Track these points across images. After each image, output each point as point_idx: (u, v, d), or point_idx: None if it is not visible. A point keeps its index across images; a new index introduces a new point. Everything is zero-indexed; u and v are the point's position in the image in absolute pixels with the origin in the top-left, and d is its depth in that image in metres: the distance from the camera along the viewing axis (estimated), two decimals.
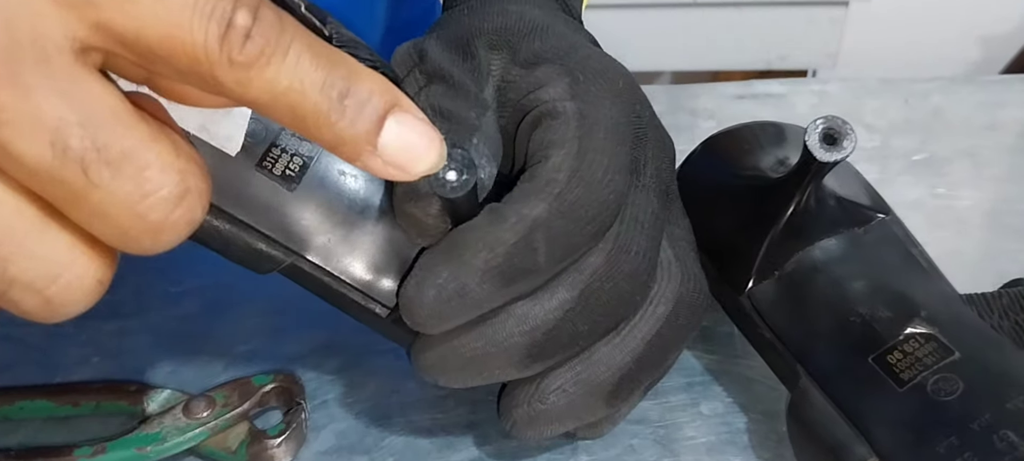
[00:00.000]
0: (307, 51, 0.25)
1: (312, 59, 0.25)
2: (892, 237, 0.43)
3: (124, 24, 0.23)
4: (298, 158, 0.35)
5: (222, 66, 0.24)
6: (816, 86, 0.65)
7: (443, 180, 0.31)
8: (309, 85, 0.25)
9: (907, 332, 0.39)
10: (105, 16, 0.23)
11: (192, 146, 0.26)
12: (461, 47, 0.37)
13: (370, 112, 0.27)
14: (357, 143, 0.27)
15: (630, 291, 0.35)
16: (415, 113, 0.28)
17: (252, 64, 0.24)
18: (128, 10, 0.23)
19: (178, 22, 0.23)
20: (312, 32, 0.27)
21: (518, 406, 0.37)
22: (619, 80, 0.37)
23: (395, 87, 0.28)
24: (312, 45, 0.25)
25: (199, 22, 0.23)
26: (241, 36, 0.24)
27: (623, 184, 0.34)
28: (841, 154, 0.37)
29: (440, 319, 0.34)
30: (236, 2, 0.24)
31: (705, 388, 0.47)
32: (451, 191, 0.32)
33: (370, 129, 0.27)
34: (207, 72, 0.24)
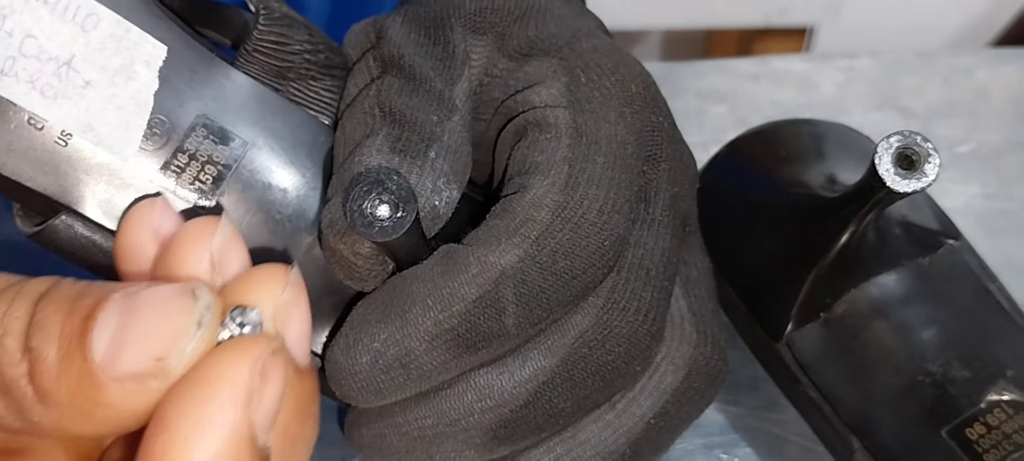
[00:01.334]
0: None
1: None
2: (964, 268, 0.38)
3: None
4: (212, 166, 0.31)
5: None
6: (843, 62, 0.60)
7: (371, 216, 0.27)
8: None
9: (990, 399, 0.35)
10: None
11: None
12: (433, 29, 0.32)
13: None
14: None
15: (627, 359, 0.30)
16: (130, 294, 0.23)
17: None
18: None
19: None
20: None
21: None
22: (632, 83, 0.31)
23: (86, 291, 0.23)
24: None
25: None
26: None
27: (624, 226, 0.30)
28: (921, 182, 0.31)
29: (377, 393, 0.29)
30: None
31: (727, 450, 0.43)
32: (381, 232, 0.27)
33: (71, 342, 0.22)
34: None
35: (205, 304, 0.22)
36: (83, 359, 0.22)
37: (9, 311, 0.23)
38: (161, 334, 0.22)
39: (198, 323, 0.22)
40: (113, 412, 0.22)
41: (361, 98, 0.31)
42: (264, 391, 0.22)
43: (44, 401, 0.22)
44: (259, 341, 0.23)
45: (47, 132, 0.29)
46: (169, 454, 0.21)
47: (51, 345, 0.22)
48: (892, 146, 0.31)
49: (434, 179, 0.30)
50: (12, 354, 0.22)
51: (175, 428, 0.22)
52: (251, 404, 0.22)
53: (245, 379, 0.22)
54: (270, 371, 0.22)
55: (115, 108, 0.29)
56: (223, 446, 0.22)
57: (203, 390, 0.22)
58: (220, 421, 0.22)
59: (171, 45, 0.29)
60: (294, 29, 0.32)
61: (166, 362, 0.22)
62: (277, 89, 0.31)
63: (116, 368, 0.22)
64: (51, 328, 0.22)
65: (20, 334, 0.22)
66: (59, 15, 0.28)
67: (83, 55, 0.29)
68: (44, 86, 0.28)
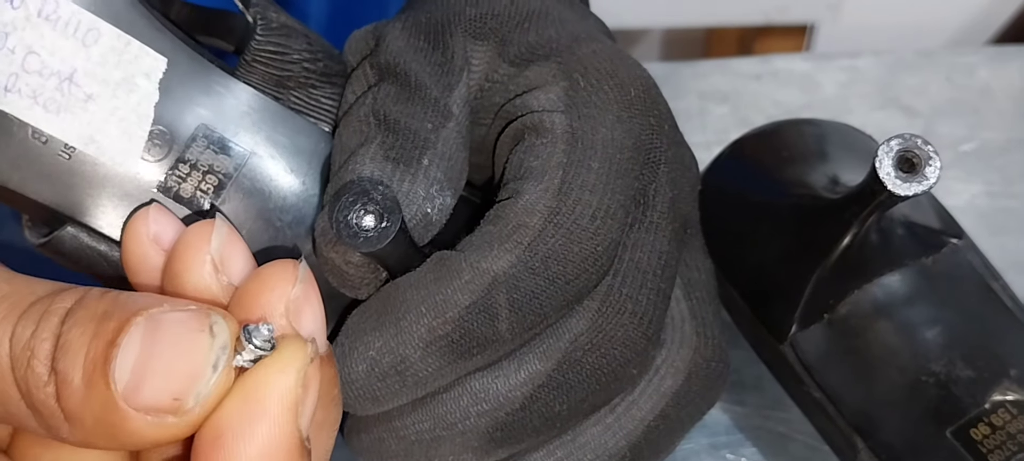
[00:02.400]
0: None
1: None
2: (967, 267, 0.37)
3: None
4: (213, 176, 0.31)
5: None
6: (845, 62, 0.61)
7: (356, 227, 0.27)
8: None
9: (994, 399, 0.34)
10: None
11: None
12: (433, 35, 0.32)
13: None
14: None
15: (623, 362, 0.30)
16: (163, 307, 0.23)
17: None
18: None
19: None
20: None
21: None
22: (631, 86, 0.31)
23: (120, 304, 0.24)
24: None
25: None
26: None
27: (618, 231, 0.30)
28: (922, 186, 0.31)
29: (374, 400, 0.30)
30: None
31: (733, 449, 0.44)
32: (366, 243, 0.27)
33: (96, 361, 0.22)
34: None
35: (221, 344, 0.23)
36: (106, 387, 0.22)
37: (36, 332, 0.23)
38: (179, 373, 0.23)
39: (214, 366, 0.23)
40: (136, 438, 0.23)
41: (357, 106, 0.31)
42: (307, 399, 0.23)
43: (71, 421, 0.23)
44: (300, 352, 0.24)
45: (51, 146, 0.29)
46: (227, 439, 0.23)
47: (76, 370, 0.22)
48: (893, 149, 0.31)
49: (427, 186, 0.30)
50: (39, 376, 0.23)
51: (231, 445, 0.23)
52: (298, 413, 0.23)
53: (292, 393, 0.23)
54: (311, 379, 0.24)
55: (117, 120, 0.29)
56: (278, 456, 0.23)
57: (256, 408, 0.23)
58: (277, 435, 0.23)
59: (171, 57, 0.30)
60: (292, 38, 0.32)
61: (183, 402, 0.22)
62: (277, 98, 0.32)
63: (138, 399, 0.22)
64: (76, 352, 0.23)
65: (47, 358, 0.23)
66: (60, 31, 0.29)
67: (84, 69, 0.29)
68: (47, 101, 0.29)
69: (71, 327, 0.23)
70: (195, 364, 0.23)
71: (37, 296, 0.24)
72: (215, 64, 0.31)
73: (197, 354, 0.23)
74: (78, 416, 0.23)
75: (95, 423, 0.23)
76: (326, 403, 0.26)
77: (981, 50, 0.63)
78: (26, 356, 0.23)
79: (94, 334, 0.23)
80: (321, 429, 0.26)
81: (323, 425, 0.27)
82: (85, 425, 0.23)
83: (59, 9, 0.28)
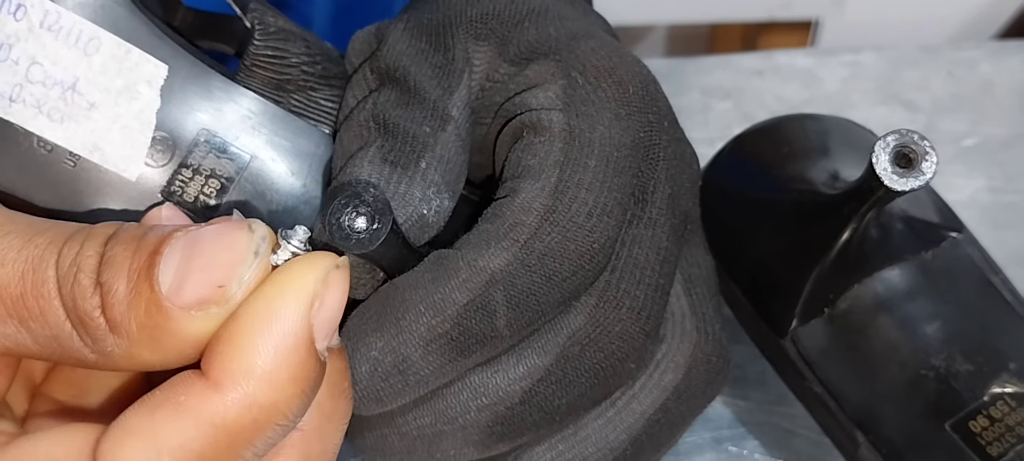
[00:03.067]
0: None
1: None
2: (967, 262, 0.38)
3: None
4: (215, 180, 0.31)
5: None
6: (847, 57, 0.60)
7: (348, 229, 0.28)
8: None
9: (993, 391, 0.35)
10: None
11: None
12: (435, 36, 0.32)
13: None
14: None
15: (621, 357, 0.31)
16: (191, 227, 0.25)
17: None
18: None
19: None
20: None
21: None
22: (630, 84, 0.31)
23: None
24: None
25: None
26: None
27: (614, 229, 0.30)
28: (918, 181, 0.31)
29: (378, 400, 0.30)
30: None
31: (736, 443, 0.44)
32: (358, 244, 0.28)
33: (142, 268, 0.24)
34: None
35: (260, 235, 0.25)
36: (151, 290, 0.24)
37: (81, 251, 0.25)
38: (222, 263, 0.24)
39: (255, 252, 0.24)
40: (179, 339, 0.24)
41: (358, 110, 0.31)
42: (326, 297, 0.25)
43: (116, 331, 0.24)
44: (326, 256, 0.25)
45: (56, 154, 0.29)
46: (236, 340, 0.24)
47: (120, 279, 0.24)
48: (889, 145, 0.31)
49: (424, 189, 0.30)
50: (85, 288, 0.24)
51: (245, 319, 0.24)
52: (313, 307, 0.24)
53: (310, 285, 0.24)
54: (333, 281, 0.25)
55: (119, 128, 0.30)
56: (284, 339, 0.24)
57: (273, 289, 0.24)
58: (284, 316, 0.24)
59: (172, 63, 0.30)
60: (291, 42, 0.32)
61: (227, 288, 0.24)
62: (278, 101, 0.32)
63: (181, 296, 0.24)
64: (120, 264, 0.24)
65: (92, 271, 0.24)
66: (62, 41, 0.29)
67: (87, 78, 0.29)
68: (50, 110, 0.29)
69: (114, 245, 0.25)
70: (237, 252, 0.24)
71: (76, 228, 0.26)
72: (216, 69, 0.31)
73: (238, 243, 0.24)
74: (123, 324, 0.24)
75: (139, 329, 0.24)
76: (335, 394, 0.27)
77: (983, 45, 0.61)
78: (73, 272, 0.24)
79: (136, 249, 0.24)
80: (330, 419, 0.27)
81: (332, 416, 0.27)
82: (130, 333, 0.24)
83: (61, 20, 0.29)
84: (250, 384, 0.24)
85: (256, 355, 0.24)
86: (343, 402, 0.27)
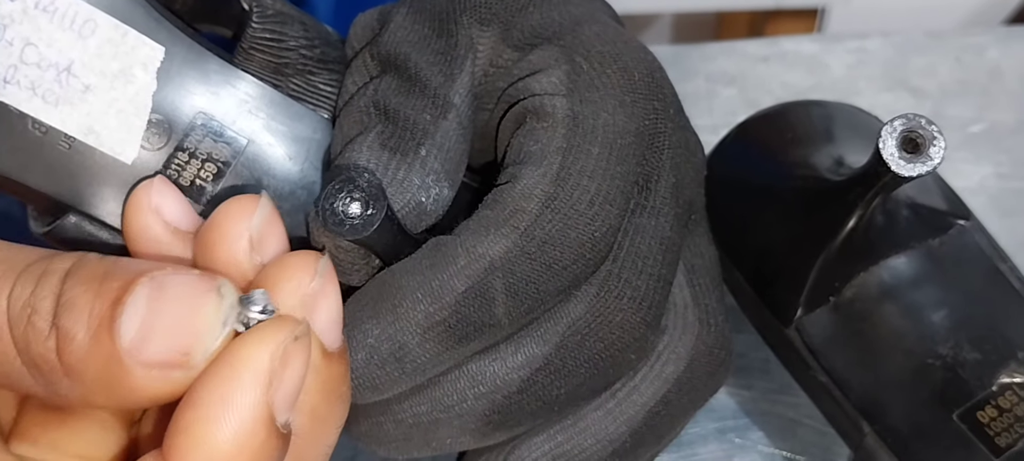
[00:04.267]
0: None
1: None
2: (974, 249, 0.38)
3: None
4: (211, 163, 0.31)
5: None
6: (854, 43, 0.61)
7: (341, 214, 0.28)
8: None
9: (1002, 381, 0.35)
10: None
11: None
12: (438, 21, 0.32)
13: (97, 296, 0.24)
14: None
15: (621, 347, 0.31)
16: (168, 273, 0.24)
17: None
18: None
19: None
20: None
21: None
22: (635, 70, 0.31)
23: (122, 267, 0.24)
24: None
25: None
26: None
27: (616, 217, 0.30)
28: (926, 166, 0.31)
29: (374, 388, 0.30)
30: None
31: (740, 434, 0.44)
32: (351, 230, 0.28)
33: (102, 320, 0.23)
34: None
35: (230, 304, 0.24)
36: (111, 343, 0.23)
37: (36, 291, 0.24)
38: (188, 329, 0.23)
39: (223, 323, 0.24)
40: (136, 394, 0.24)
41: (358, 96, 0.31)
42: (284, 375, 0.24)
43: (70, 376, 0.24)
44: (282, 328, 0.24)
45: (50, 136, 0.29)
46: (193, 430, 0.23)
47: (80, 326, 0.23)
48: (896, 130, 0.31)
49: (423, 176, 0.30)
50: (40, 332, 0.23)
51: (200, 406, 0.23)
52: (271, 387, 0.23)
53: (266, 364, 0.23)
54: (291, 356, 0.24)
55: (115, 111, 0.30)
56: (242, 425, 0.23)
57: (227, 372, 0.23)
58: (240, 402, 0.23)
59: (168, 46, 0.30)
60: (288, 25, 0.32)
61: (191, 357, 0.23)
62: (276, 85, 0.32)
63: (143, 354, 0.23)
64: (80, 309, 0.23)
65: (48, 314, 0.23)
66: (58, 22, 0.29)
67: (82, 60, 0.29)
68: (45, 92, 0.29)
69: (74, 286, 0.24)
70: (206, 320, 0.23)
71: (32, 259, 0.25)
72: (213, 52, 0.31)
73: (208, 311, 0.24)
74: (79, 371, 0.23)
75: (95, 378, 0.23)
76: (331, 398, 0.27)
77: (991, 31, 0.62)
78: (26, 314, 0.24)
79: (97, 293, 0.23)
80: (323, 423, 0.27)
81: (327, 420, 0.27)
82: (85, 380, 0.23)
83: (56, 1, 0.29)
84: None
85: (215, 445, 0.23)
86: (339, 406, 0.27)
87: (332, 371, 0.26)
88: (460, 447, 0.32)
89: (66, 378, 0.24)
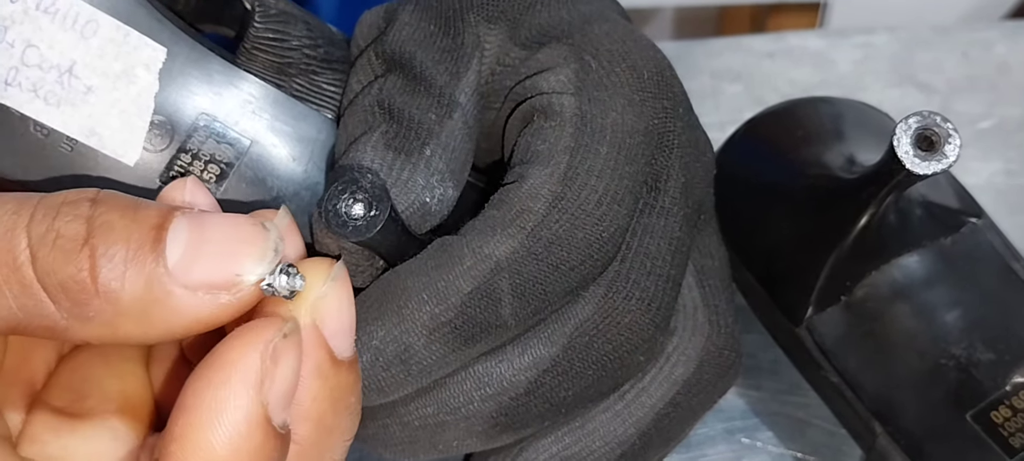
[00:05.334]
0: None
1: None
2: (987, 248, 0.38)
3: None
4: (214, 165, 0.32)
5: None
6: (860, 38, 0.61)
7: (344, 215, 0.28)
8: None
9: (1016, 381, 0.35)
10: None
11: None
12: (444, 19, 0.32)
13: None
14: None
15: (629, 349, 0.31)
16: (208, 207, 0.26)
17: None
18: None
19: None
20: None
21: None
22: (644, 68, 0.31)
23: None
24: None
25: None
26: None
27: (624, 217, 0.30)
28: (941, 164, 0.31)
29: (379, 391, 0.30)
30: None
31: (749, 434, 0.44)
32: (355, 231, 0.28)
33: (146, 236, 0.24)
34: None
35: (277, 235, 0.25)
36: (156, 262, 0.24)
37: (59, 215, 0.24)
38: (240, 252, 0.24)
39: (275, 250, 0.25)
40: (174, 319, 0.24)
41: (363, 95, 0.32)
42: (276, 373, 0.24)
43: (104, 297, 0.24)
44: (270, 327, 0.24)
45: (53, 138, 0.30)
46: (188, 435, 0.23)
47: (119, 245, 0.24)
48: (911, 127, 0.31)
49: (428, 176, 0.30)
50: (69, 253, 0.24)
51: (192, 411, 0.24)
52: (263, 387, 0.24)
53: (256, 364, 0.24)
54: (281, 353, 0.24)
55: (117, 112, 0.30)
56: (236, 427, 0.24)
57: (217, 375, 0.24)
58: (233, 405, 0.24)
59: (171, 47, 0.30)
60: (291, 24, 0.32)
61: (242, 278, 0.24)
62: (279, 85, 0.32)
63: (191, 276, 0.24)
64: (118, 230, 0.24)
65: (78, 237, 0.24)
66: (59, 23, 0.29)
67: (84, 62, 0.29)
68: (47, 94, 0.29)
69: (107, 211, 0.24)
70: (258, 247, 0.25)
71: (41, 196, 0.25)
72: (216, 52, 0.31)
73: (260, 239, 0.25)
74: (115, 292, 0.24)
75: (132, 300, 0.24)
76: (339, 408, 0.27)
77: (998, 25, 0.63)
78: (51, 238, 0.24)
79: (133, 219, 0.24)
80: (330, 433, 0.27)
81: (333, 430, 0.27)
82: (120, 302, 0.24)
83: (57, 2, 0.29)
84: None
85: (210, 449, 0.24)
86: (347, 418, 0.27)
87: (341, 379, 0.26)
88: (467, 449, 0.32)
89: (97, 299, 0.24)
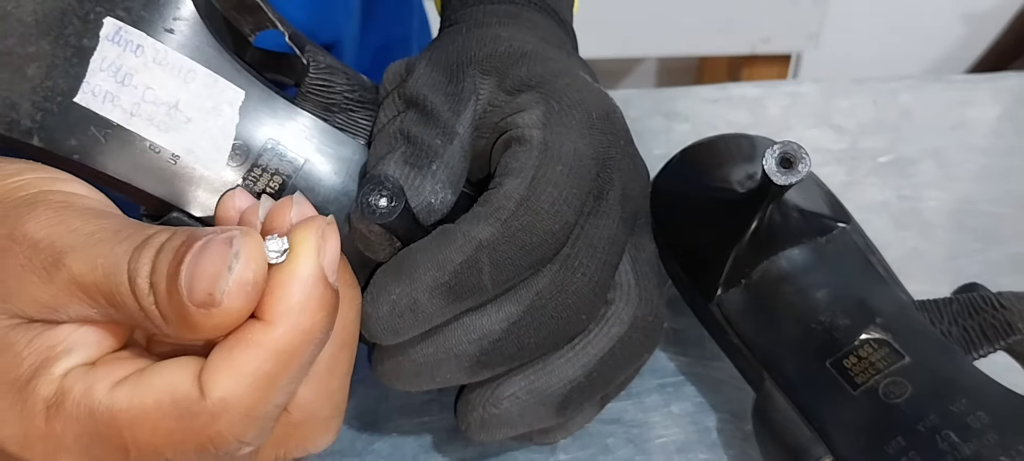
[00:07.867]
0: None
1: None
2: (852, 246, 0.43)
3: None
4: (278, 176, 0.35)
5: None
6: (789, 88, 0.64)
7: (373, 206, 0.32)
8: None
9: (862, 338, 0.40)
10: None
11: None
12: (451, 71, 0.37)
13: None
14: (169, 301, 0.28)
15: (577, 310, 0.35)
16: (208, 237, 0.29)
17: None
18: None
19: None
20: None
21: (473, 410, 0.37)
22: (594, 111, 0.36)
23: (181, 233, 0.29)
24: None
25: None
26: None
27: (572, 216, 0.34)
28: (795, 177, 0.37)
29: (394, 332, 0.34)
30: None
31: (676, 389, 0.47)
32: (379, 216, 0.32)
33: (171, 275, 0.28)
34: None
35: (234, 252, 0.28)
36: (176, 292, 0.28)
37: (140, 260, 0.29)
38: (209, 275, 0.28)
39: (229, 268, 0.28)
40: (198, 329, 0.28)
41: (388, 125, 0.36)
42: (326, 246, 0.29)
43: (165, 318, 0.28)
44: (318, 219, 0.29)
45: (162, 155, 0.34)
46: (276, 290, 0.28)
47: (162, 283, 0.28)
48: (776, 151, 0.37)
49: (433, 185, 0.34)
50: (143, 291, 0.29)
51: (279, 275, 0.29)
52: (320, 254, 0.29)
53: (314, 240, 0.29)
54: (327, 234, 0.29)
55: (209, 137, 0.34)
56: (306, 280, 0.29)
57: (293, 251, 0.29)
58: (303, 265, 0.29)
59: (247, 89, 0.34)
60: (336, 75, 0.36)
61: (214, 295, 0.28)
62: (326, 119, 0.36)
63: (192, 299, 0.28)
64: (162, 272, 0.28)
65: (147, 277, 0.29)
66: (168, 72, 0.33)
67: (185, 100, 0.34)
68: (159, 122, 0.34)
69: (161, 257, 0.28)
70: (216, 268, 0.28)
71: (147, 235, 0.29)
72: (280, 95, 0.35)
73: (219, 262, 0.28)
74: (167, 314, 0.28)
75: (177, 318, 0.28)
76: (343, 338, 0.32)
77: (905, 79, 0.65)
78: (135, 279, 0.28)
79: (171, 259, 0.28)
80: (342, 349, 0.32)
81: (340, 352, 0.32)
82: (172, 322, 0.28)
83: (168, 57, 0.33)
84: (292, 316, 0.28)
85: (292, 296, 0.28)
86: (349, 345, 0.32)
87: (327, 294, 0.30)
88: (457, 382, 0.36)
89: (164, 322, 0.29)
